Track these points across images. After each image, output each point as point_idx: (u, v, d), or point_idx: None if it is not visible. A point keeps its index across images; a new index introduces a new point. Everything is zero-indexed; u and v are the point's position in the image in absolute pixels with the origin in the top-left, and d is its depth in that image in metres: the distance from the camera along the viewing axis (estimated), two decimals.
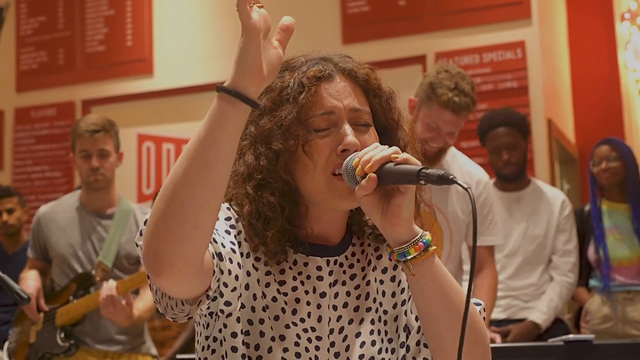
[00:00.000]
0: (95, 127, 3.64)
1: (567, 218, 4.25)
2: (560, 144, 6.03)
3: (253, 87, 1.27)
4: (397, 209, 1.39)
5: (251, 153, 1.51)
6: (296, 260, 1.51)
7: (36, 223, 3.80)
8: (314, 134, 1.47)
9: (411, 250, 1.40)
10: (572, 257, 4.20)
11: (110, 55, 6.67)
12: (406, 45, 5.73)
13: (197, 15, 6.47)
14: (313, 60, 1.56)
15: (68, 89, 6.79)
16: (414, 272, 1.41)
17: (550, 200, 4.25)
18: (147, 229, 1.27)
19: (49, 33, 6.93)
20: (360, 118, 1.51)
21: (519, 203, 4.24)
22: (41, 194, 6.71)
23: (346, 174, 1.43)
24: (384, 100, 1.56)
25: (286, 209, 1.48)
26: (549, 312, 4.05)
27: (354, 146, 1.46)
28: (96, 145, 3.65)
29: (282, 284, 1.49)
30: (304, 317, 1.49)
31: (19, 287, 1.86)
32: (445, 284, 1.43)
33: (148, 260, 1.26)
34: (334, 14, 5.96)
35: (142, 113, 6.53)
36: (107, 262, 3.65)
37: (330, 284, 1.53)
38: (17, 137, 6.94)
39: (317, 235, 1.53)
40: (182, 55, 6.39)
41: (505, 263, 4.16)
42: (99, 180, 3.68)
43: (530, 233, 4.19)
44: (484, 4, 5.58)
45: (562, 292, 4.12)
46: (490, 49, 5.54)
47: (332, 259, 1.54)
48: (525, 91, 5.43)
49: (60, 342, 3.62)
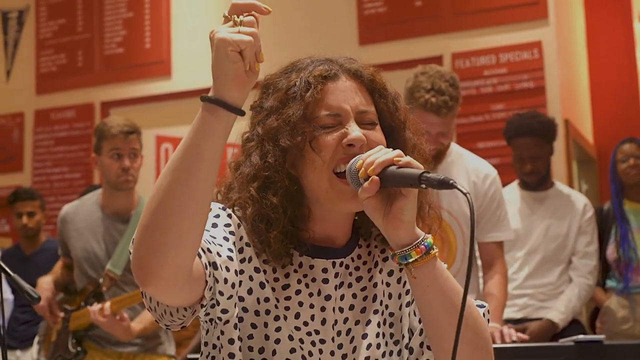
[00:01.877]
0: (129, 128, 3.65)
1: (589, 221, 4.22)
2: (578, 144, 6.01)
3: (235, 92, 1.28)
4: (399, 212, 1.39)
5: (257, 153, 1.51)
6: (302, 263, 1.52)
7: (59, 222, 3.82)
8: (321, 130, 1.48)
9: (412, 253, 1.40)
10: (592, 259, 4.17)
11: (129, 58, 6.71)
12: (423, 46, 5.73)
13: (214, 17, 6.50)
14: (319, 61, 1.56)
15: (87, 91, 6.84)
16: (415, 274, 1.41)
17: (573, 203, 4.22)
18: (134, 239, 1.29)
19: (68, 36, 6.99)
20: (366, 118, 1.51)
21: (542, 203, 4.22)
22: (60, 195, 6.76)
23: (350, 176, 1.43)
24: (390, 101, 1.57)
25: (288, 210, 1.48)
26: (566, 312, 4.03)
27: (360, 141, 1.47)
28: (129, 144, 3.65)
29: (286, 287, 1.50)
30: (307, 320, 1.50)
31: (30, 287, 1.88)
32: (447, 287, 1.43)
33: (135, 270, 1.28)
34: (350, 15, 5.97)
35: (161, 115, 6.56)
36: (116, 270, 3.63)
37: (336, 286, 1.53)
38: (36, 139, 7.00)
39: (323, 237, 1.54)
40: (200, 57, 6.42)
41: (525, 260, 4.14)
42: (129, 181, 3.66)
43: (552, 232, 4.17)
44: (501, 5, 5.58)
45: (580, 294, 4.09)
46: (507, 49, 5.53)
47: (337, 260, 1.54)
48: (542, 91, 5.41)
49: (70, 348, 3.65)
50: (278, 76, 1.57)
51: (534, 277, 4.15)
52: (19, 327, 5.54)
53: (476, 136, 5.50)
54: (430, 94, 3.10)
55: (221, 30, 1.28)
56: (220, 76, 1.28)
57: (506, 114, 5.46)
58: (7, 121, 7.13)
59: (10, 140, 7.10)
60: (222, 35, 1.27)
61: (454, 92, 3.15)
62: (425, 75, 3.15)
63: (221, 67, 1.28)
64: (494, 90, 5.53)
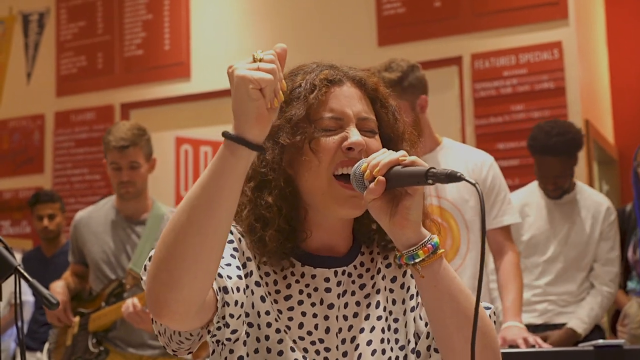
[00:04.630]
0: (125, 142, 3.63)
1: (611, 225, 4.15)
2: (599, 145, 5.97)
3: (257, 129, 1.27)
4: (405, 212, 1.39)
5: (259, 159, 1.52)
6: (304, 272, 1.53)
7: (73, 228, 3.84)
8: (321, 132, 1.49)
9: (420, 252, 1.40)
10: (614, 266, 4.11)
11: (149, 59, 6.74)
12: (442, 46, 5.71)
13: (233, 18, 6.52)
14: (324, 66, 1.58)
15: (107, 93, 6.87)
16: (423, 274, 1.41)
17: (595, 207, 4.15)
18: (149, 271, 1.29)
19: (88, 38, 7.02)
20: (367, 125, 1.53)
21: (562, 207, 4.16)
22: (81, 196, 6.80)
23: (355, 179, 1.44)
24: (390, 112, 1.59)
25: (284, 209, 1.49)
26: (589, 321, 3.98)
27: (360, 145, 1.48)
28: (126, 159, 3.65)
29: (288, 298, 1.51)
30: (311, 329, 1.50)
31: (49, 292, 1.88)
32: (454, 286, 1.43)
33: (150, 303, 1.29)
34: (369, 16, 5.96)
35: (180, 116, 6.58)
36: (138, 269, 3.66)
37: (339, 295, 1.54)
38: (57, 141, 7.04)
39: (322, 246, 1.55)
40: (219, 59, 6.43)
41: (545, 268, 4.09)
42: (129, 192, 3.70)
43: (573, 239, 4.11)
44: (520, 5, 5.55)
45: (602, 302, 4.04)
46: (526, 49, 5.50)
47: (339, 269, 1.54)
48: (562, 92, 5.38)
49: (91, 348, 3.66)
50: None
51: (554, 285, 4.11)
52: (40, 329, 5.58)
53: (496, 137, 5.47)
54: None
55: (240, 67, 1.27)
56: (241, 114, 1.27)
57: (526, 114, 5.44)
58: (28, 123, 7.18)
59: (31, 142, 7.14)
60: (242, 72, 1.25)
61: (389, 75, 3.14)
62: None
63: (242, 105, 1.27)
64: (514, 91, 5.50)
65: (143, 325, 3.44)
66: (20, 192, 7.07)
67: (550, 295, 4.11)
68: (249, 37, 6.39)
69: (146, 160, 3.73)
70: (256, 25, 6.38)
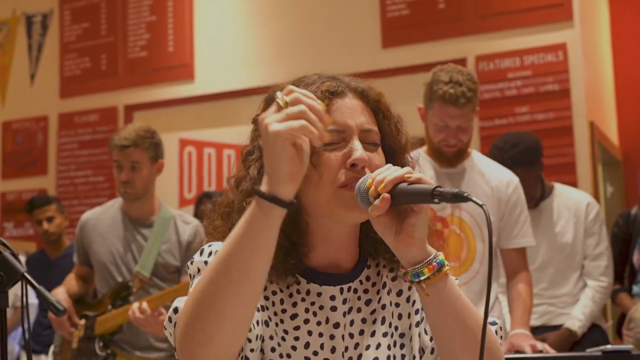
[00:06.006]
0: (126, 142, 3.62)
1: (594, 220, 4.16)
2: (603, 147, 5.96)
3: (290, 187, 1.25)
4: (410, 229, 1.38)
5: (256, 166, 1.50)
6: (309, 290, 1.51)
7: (79, 229, 3.84)
8: (323, 146, 1.45)
9: (425, 270, 1.39)
10: (603, 260, 4.13)
11: (152, 61, 6.73)
12: (446, 48, 5.70)
13: (237, 20, 6.51)
14: (325, 78, 1.55)
15: (110, 95, 6.87)
16: (428, 292, 1.40)
17: (575, 205, 4.17)
18: (182, 328, 1.29)
19: (92, 39, 7.02)
20: (370, 137, 1.50)
21: (542, 215, 4.16)
22: (84, 198, 6.80)
23: (359, 195, 1.41)
24: (393, 123, 1.57)
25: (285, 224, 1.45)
26: (584, 318, 4.00)
27: (363, 162, 1.45)
28: (127, 158, 3.64)
29: (294, 317, 1.49)
30: (317, 349, 1.49)
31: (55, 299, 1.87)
32: (459, 304, 1.41)
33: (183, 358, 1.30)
34: (373, 18, 5.95)
35: (184, 118, 6.58)
36: (145, 272, 3.65)
37: (345, 313, 1.52)
38: (60, 143, 7.04)
39: (328, 262, 1.53)
40: (223, 61, 6.43)
41: (538, 276, 4.07)
42: (127, 193, 3.69)
43: (559, 242, 4.13)
44: (525, 6, 5.53)
45: (595, 297, 4.06)
46: (531, 51, 5.49)
47: (345, 286, 1.53)
48: (567, 94, 5.37)
49: (98, 351, 3.65)
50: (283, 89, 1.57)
51: (550, 289, 4.13)
52: (44, 332, 5.58)
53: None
54: (449, 85, 3.14)
55: (271, 122, 1.23)
56: (274, 173, 1.24)
57: (531, 116, 5.44)
58: (31, 125, 7.18)
59: (34, 144, 7.14)
60: (275, 128, 1.22)
61: (471, 85, 3.19)
62: (444, 71, 3.21)
63: (275, 163, 1.24)
64: (518, 93, 5.50)
65: (150, 328, 3.43)
66: (23, 194, 7.07)
67: (548, 297, 4.12)
68: (253, 39, 6.38)
69: (151, 163, 3.70)
70: (260, 26, 6.37)
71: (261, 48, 6.32)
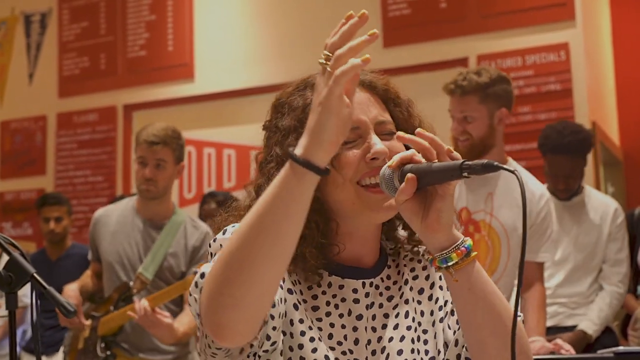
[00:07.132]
0: (155, 138, 3.59)
1: (619, 227, 4.18)
2: (605, 147, 5.95)
3: (327, 155, 1.23)
4: (437, 214, 1.37)
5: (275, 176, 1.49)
6: (331, 282, 1.51)
7: (92, 226, 3.81)
8: (341, 147, 1.41)
9: (453, 255, 1.38)
10: (623, 267, 4.13)
11: (152, 60, 6.71)
12: (448, 48, 5.69)
13: (237, 20, 6.49)
14: None
15: (110, 94, 6.84)
16: (457, 277, 1.39)
17: (603, 208, 4.18)
18: (208, 292, 1.27)
19: (91, 38, 7.00)
20: (385, 128, 1.50)
21: (570, 210, 4.17)
22: (83, 198, 6.77)
23: (384, 182, 1.40)
24: (404, 109, 1.57)
25: (320, 224, 1.47)
26: (599, 322, 4.00)
27: (383, 154, 1.45)
28: (154, 155, 3.60)
29: (316, 309, 1.49)
30: (340, 340, 1.48)
31: (65, 300, 1.85)
32: (488, 289, 1.40)
33: (211, 327, 1.27)
34: (374, 17, 5.92)
35: (183, 118, 6.55)
36: (147, 274, 3.62)
37: (367, 306, 1.52)
38: (59, 142, 7.02)
39: (351, 256, 1.52)
40: (223, 60, 6.41)
41: (553, 271, 4.09)
42: (150, 191, 3.64)
43: (581, 241, 4.13)
44: (527, 6, 5.52)
45: (612, 303, 4.06)
46: (533, 51, 5.48)
47: (367, 281, 1.53)
48: (569, 94, 5.36)
49: (99, 352, 3.63)
50: (291, 94, 1.55)
51: (564, 286, 4.12)
52: (45, 333, 5.55)
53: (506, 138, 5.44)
54: (459, 78, 3.25)
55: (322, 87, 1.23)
56: (316, 136, 1.22)
57: (533, 116, 5.42)
58: (30, 124, 7.15)
59: (33, 144, 7.12)
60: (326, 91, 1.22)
61: (477, 78, 3.22)
62: (463, 72, 3.31)
63: (321, 127, 1.22)
64: (520, 93, 5.48)
65: (154, 329, 3.40)
66: (22, 194, 7.05)
67: (560, 297, 4.11)
68: (253, 38, 6.36)
69: (174, 163, 3.67)
70: (260, 26, 6.35)
71: (261, 47, 6.30)
